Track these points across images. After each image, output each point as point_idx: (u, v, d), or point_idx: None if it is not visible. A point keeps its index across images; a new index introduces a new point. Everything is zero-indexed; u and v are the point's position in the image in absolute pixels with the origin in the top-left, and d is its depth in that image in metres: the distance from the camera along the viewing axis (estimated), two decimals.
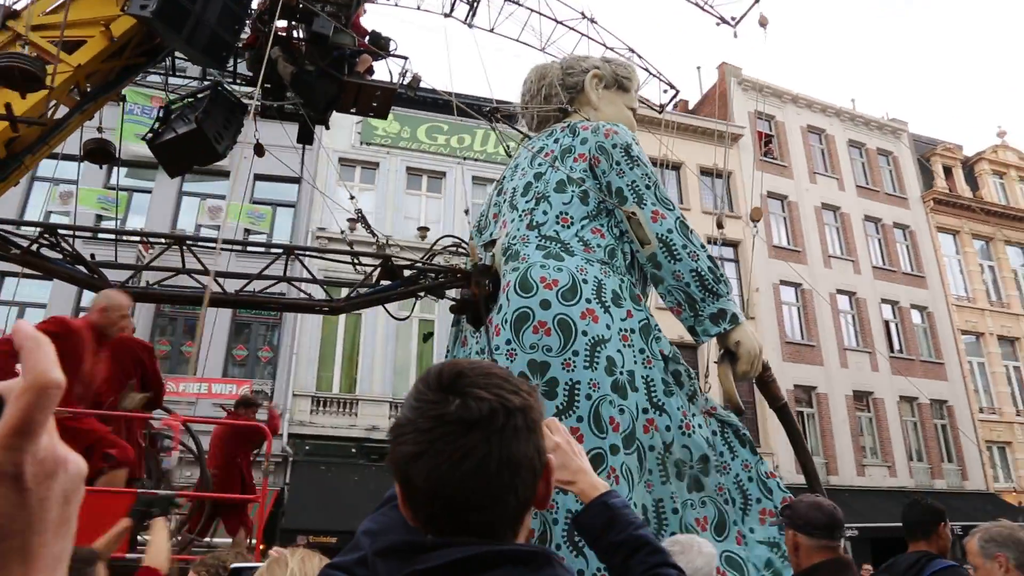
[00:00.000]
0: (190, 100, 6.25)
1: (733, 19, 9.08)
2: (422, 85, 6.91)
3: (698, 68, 26.74)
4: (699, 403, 5.93)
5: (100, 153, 5.74)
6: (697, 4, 9.08)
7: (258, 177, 18.75)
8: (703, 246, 6.01)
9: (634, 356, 5.63)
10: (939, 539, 3.45)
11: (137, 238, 11.89)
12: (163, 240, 6.28)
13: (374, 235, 7.20)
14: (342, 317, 17.60)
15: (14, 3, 5.52)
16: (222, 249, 6.40)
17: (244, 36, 6.26)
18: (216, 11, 5.48)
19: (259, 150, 6.72)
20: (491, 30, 7.40)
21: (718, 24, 9.32)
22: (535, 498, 1.02)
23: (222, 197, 18.80)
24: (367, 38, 6.58)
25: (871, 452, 22.22)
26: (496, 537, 0.97)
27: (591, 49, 7.83)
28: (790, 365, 21.67)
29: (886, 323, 23.82)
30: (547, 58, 7.48)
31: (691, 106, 26.19)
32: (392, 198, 20.68)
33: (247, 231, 18.71)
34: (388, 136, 20.99)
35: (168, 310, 17.38)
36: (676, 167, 23.40)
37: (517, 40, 7.57)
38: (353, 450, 17.86)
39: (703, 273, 5.86)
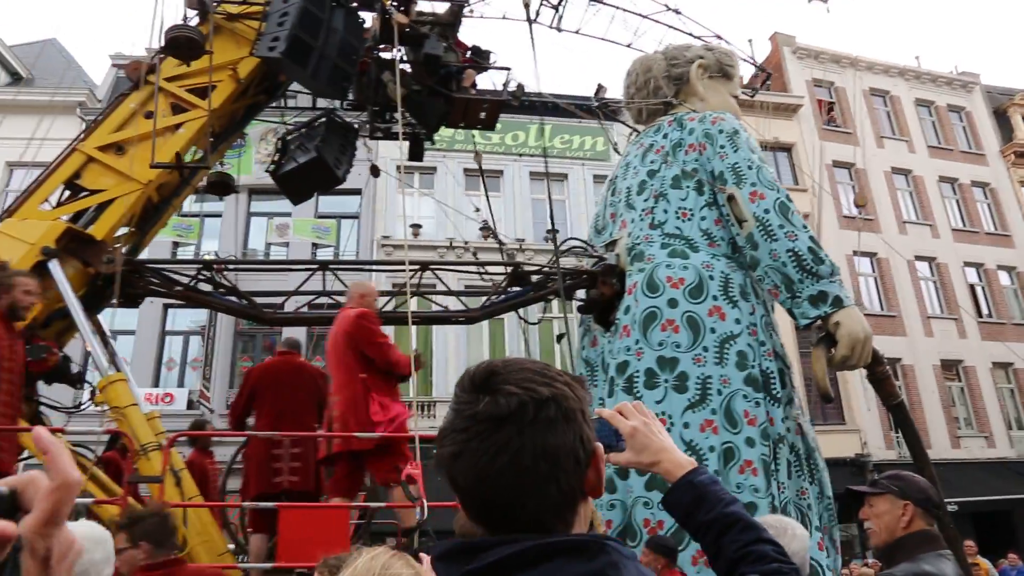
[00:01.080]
0: (303, 130, 6.69)
1: None
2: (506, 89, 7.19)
3: (750, 41, 26.41)
4: (794, 408, 6.02)
5: (221, 185, 6.21)
6: None
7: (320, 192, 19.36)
8: (805, 227, 6.03)
9: (760, 350, 5.82)
10: None
11: (282, 266, 12.45)
12: (308, 266, 6.74)
13: (501, 244, 7.56)
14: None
15: (152, 60, 6.00)
16: (355, 269, 6.84)
17: None
18: (336, 44, 5.85)
19: (375, 171, 7.19)
20: (577, 31, 7.67)
21: (810, 1, 9.46)
22: (585, 486, 1.02)
23: (288, 215, 19.44)
24: (468, 53, 6.93)
25: (965, 423, 21.75)
26: (545, 529, 0.98)
27: (675, 41, 8.02)
28: None
29: (971, 287, 23.25)
30: (635, 54, 7.62)
31: (745, 80, 25.98)
32: (452, 201, 21.08)
33: (314, 245, 19.39)
34: (443, 139, 21.35)
35: (247, 327, 18.15)
36: None
37: (603, 39, 7.82)
38: (434, 451, 18.29)
39: (801, 253, 5.85)
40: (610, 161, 23.94)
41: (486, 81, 7.01)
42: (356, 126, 7.26)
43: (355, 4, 6.14)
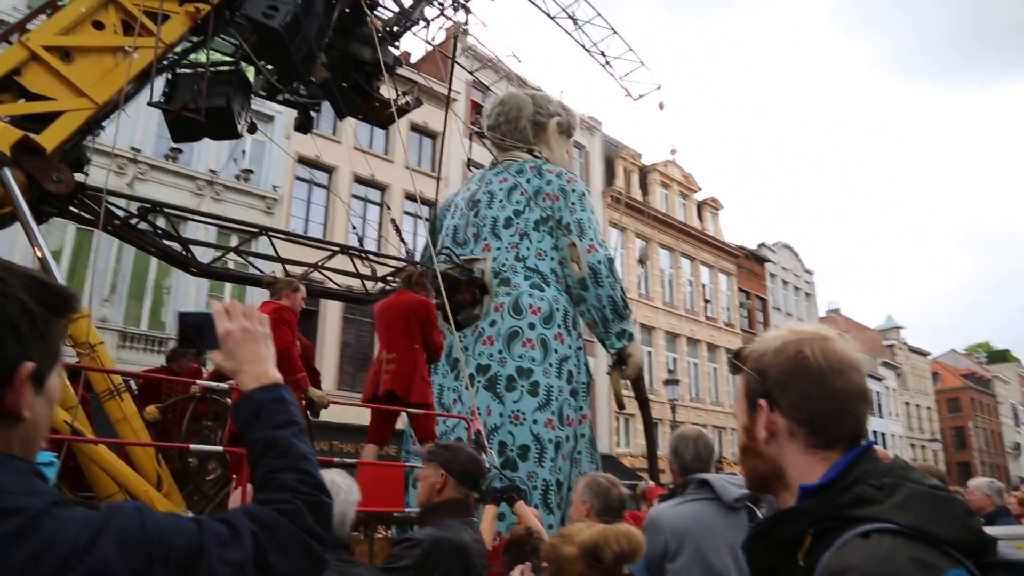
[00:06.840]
0: (201, 71, 6.85)
1: (640, 96, 12.02)
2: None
3: (428, 21, 29.02)
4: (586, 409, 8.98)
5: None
6: (612, 76, 11.80)
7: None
8: (619, 279, 8.91)
9: (579, 368, 8.47)
10: None
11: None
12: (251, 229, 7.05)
13: (403, 242, 8.73)
14: None
15: None
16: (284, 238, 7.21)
17: None
18: (315, 27, 6.39)
19: (252, 128, 7.60)
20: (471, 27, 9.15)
21: (625, 96, 12.21)
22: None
23: None
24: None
25: None
26: None
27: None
28: None
29: None
30: None
31: (413, 59, 28.57)
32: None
33: None
34: None
35: None
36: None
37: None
38: None
39: (617, 300, 8.80)
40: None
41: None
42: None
43: None
